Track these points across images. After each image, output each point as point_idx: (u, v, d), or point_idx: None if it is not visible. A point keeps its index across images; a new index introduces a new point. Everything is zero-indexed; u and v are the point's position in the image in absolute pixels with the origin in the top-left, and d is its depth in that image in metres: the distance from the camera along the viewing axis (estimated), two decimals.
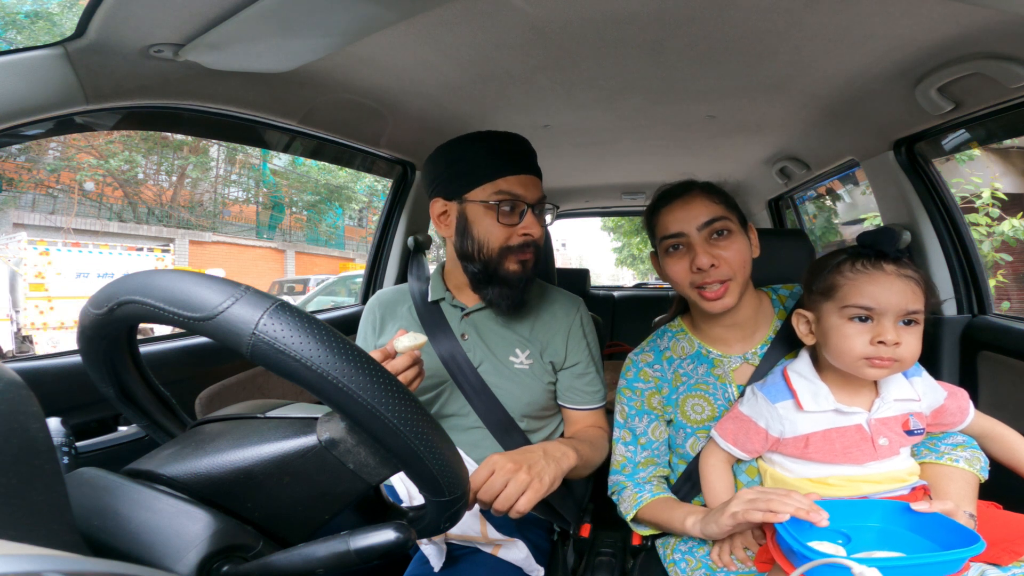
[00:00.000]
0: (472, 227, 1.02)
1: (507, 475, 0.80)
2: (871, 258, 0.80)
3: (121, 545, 0.40)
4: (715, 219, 0.93)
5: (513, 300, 1.04)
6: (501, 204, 1.00)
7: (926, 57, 1.07)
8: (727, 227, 0.93)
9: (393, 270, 1.91)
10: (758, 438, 0.87)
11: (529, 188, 1.02)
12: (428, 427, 0.44)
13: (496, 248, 1.01)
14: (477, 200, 1.01)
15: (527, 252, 1.03)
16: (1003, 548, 0.73)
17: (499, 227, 1.00)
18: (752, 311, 1.00)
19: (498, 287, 1.03)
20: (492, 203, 1.00)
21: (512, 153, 1.03)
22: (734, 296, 0.93)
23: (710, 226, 0.93)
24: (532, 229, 1.01)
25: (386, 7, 0.85)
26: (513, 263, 1.02)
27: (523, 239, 1.01)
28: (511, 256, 1.01)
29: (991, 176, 5.83)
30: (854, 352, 0.79)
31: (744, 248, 0.94)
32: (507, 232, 1.01)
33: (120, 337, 0.50)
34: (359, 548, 0.42)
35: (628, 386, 1.05)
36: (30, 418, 0.32)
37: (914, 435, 0.83)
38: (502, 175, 1.00)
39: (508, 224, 1.01)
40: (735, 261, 0.92)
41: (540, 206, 1.04)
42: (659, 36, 1.06)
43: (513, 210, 1.00)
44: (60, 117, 0.86)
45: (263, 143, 1.46)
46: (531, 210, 1.01)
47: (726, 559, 0.85)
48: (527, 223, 1.01)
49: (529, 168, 1.04)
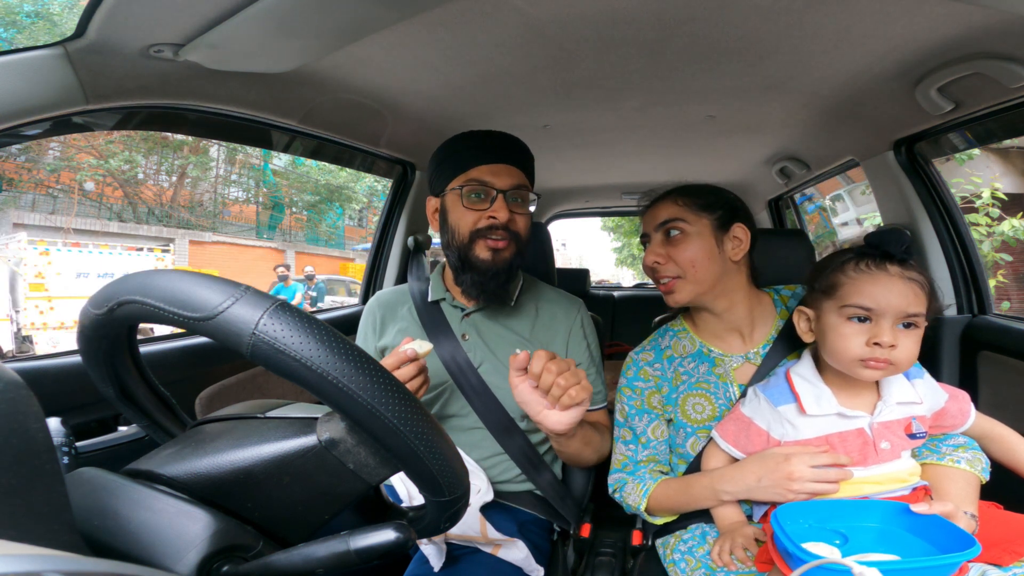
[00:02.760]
0: (448, 216, 1.06)
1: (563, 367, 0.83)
2: (876, 258, 0.80)
3: (121, 545, 0.40)
4: (668, 220, 0.99)
5: (485, 289, 1.05)
6: (467, 190, 1.03)
7: (926, 57, 1.07)
8: (679, 227, 0.98)
9: (393, 270, 1.91)
10: (759, 439, 0.87)
11: (500, 175, 1.04)
12: (428, 427, 0.44)
13: (466, 233, 1.04)
14: (450, 189, 1.05)
15: (497, 239, 1.03)
16: (1003, 548, 0.73)
17: (468, 212, 1.03)
18: (746, 311, 1.00)
19: (470, 274, 1.05)
20: (460, 189, 1.03)
21: (487, 144, 1.06)
22: (685, 294, 0.97)
23: (664, 227, 0.99)
24: (498, 213, 1.02)
25: (386, 7, 0.85)
26: (484, 250, 1.03)
27: (489, 222, 1.03)
28: (480, 241, 1.03)
29: (991, 176, 5.83)
30: (849, 352, 0.79)
31: (699, 250, 0.96)
32: (475, 216, 1.03)
33: (120, 337, 0.50)
34: (359, 548, 0.42)
35: (628, 385, 1.05)
36: (30, 418, 0.32)
37: (916, 438, 0.82)
38: (473, 165, 1.04)
39: (476, 209, 1.03)
40: (682, 260, 0.96)
41: (516, 194, 1.05)
42: (659, 36, 1.06)
43: (482, 197, 1.03)
44: (60, 117, 0.86)
45: (263, 143, 1.46)
46: (501, 196, 1.03)
47: (726, 559, 0.84)
48: (495, 208, 1.03)
49: (503, 157, 1.05)
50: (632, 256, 15.78)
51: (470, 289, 1.07)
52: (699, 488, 0.91)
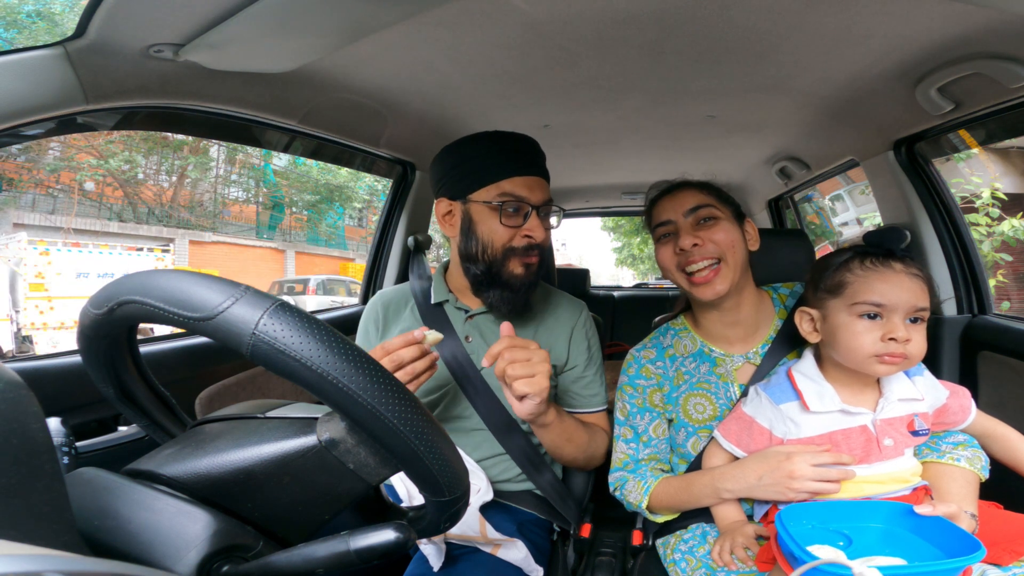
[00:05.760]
0: (476, 228, 1.02)
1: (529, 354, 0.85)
2: (879, 256, 0.81)
3: (121, 545, 0.40)
4: (700, 206, 0.96)
5: (514, 304, 1.03)
6: (505, 205, 0.99)
7: (926, 57, 1.07)
8: (713, 214, 0.96)
9: (393, 270, 1.91)
10: (762, 438, 0.87)
11: (534, 190, 1.01)
12: (428, 427, 0.44)
13: (500, 249, 1.01)
14: (481, 201, 1.01)
15: (531, 255, 1.02)
16: (1003, 548, 0.73)
17: (503, 228, 1.00)
18: (753, 309, 1.00)
19: (499, 290, 1.02)
20: (496, 204, 0.99)
21: (518, 153, 1.03)
22: (726, 282, 0.93)
23: (696, 212, 0.96)
24: (535, 232, 1.00)
25: (386, 7, 0.85)
26: (517, 266, 1.01)
27: (527, 241, 1.01)
28: (515, 258, 1.01)
29: (991, 176, 5.83)
30: (864, 349, 0.79)
31: (733, 233, 0.95)
32: (510, 233, 1.00)
33: (120, 337, 0.50)
34: (359, 548, 0.42)
35: (630, 383, 1.05)
36: (30, 418, 0.32)
37: (919, 435, 0.82)
38: (506, 176, 1.00)
39: (511, 226, 1.00)
40: (722, 242, 0.94)
41: (545, 208, 1.04)
42: (659, 36, 1.06)
43: (517, 212, 1.00)
44: (60, 117, 0.86)
45: (263, 143, 1.46)
46: (535, 212, 1.01)
47: (726, 558, 0.84)
48: (531, 225, 1.00)
49: (535, 170, 1.03)
50: (632, 256, 15.76)
51: (499, 304, 1.03)
52: (700, 486, 0.91)
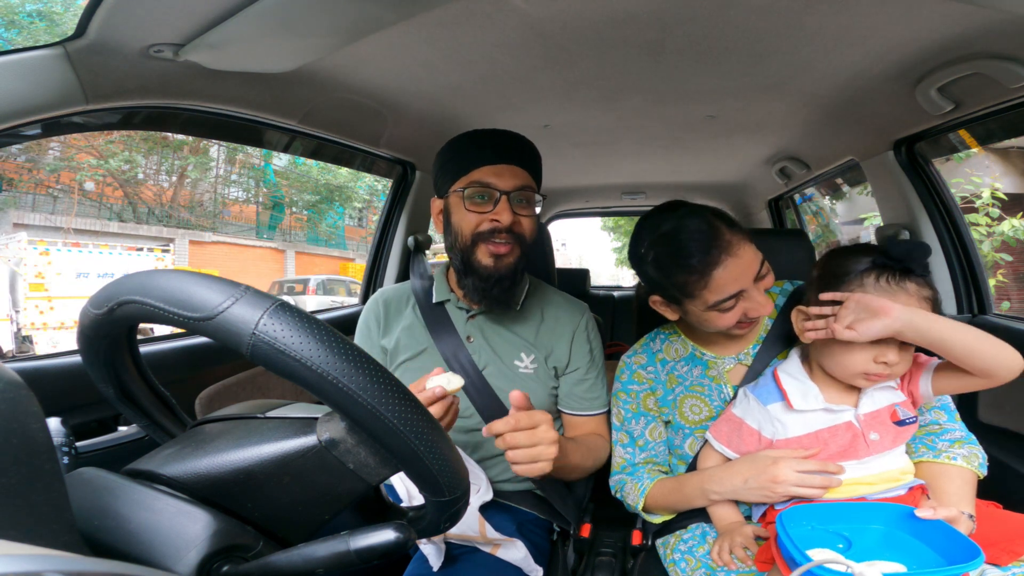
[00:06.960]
0: (451, 218, 1.04)
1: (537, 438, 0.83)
2: (896, 274, 0.78)
3: (121, 545, 0.40)
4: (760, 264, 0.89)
5: (487, 295, 1.03)
6: (472, 192, 1.01)
7: (926, 57, 1.07)
8: (768, 269, 0.90)
9: (393, 270, 1.91)
10: (751, 439, 0.87)
11: (504, 177, 1.01)
12: (428, 427, 0.44)
13: (468, 236, 1.02)
14: (454, 191, 1.03)
15: (499, 244, 1.01)
16: (1002, 548, 0.73)
17: (471, 215, 1.01)
18: None
19: (472, 278, 1.03)
20: (465, 192, 1.01)
21: (491, 145, 1.03)
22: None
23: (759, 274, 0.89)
24: (501, 216, 1.00)
25: (386, 7, 0.85)
26: (485, 255, 1.01)
27: (492, 225, 1.01)
28: (482, 245, 1.01)
29: (991, 176, 5.82)
30: (855, 367, 0.79)
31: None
32: (478, 219, 1.01)
33: (120, 337, 0.50)
34: (359, 548, 0.42)
35: (623, 389, 1.05)
36: (30, 418, 0.32)
37: (905, 425, 0.82)
38: (477, 166, 1.01)
39: (478, 212, 1.01)
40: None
41: (519, 195, 1.02)
42: (659, 36, 1.06)
43: (486, 198, 1.01)
44: (60, 117, 0.86)
45: (263, 143, 1.46)
46: (505, 198, 1.00)
47: (726, 558, 0.84)
48: (497, 210, 1.00)
49: (507, 158, 1.03)
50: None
51: (472, 294, 1.05)
52: (690, 488, 0.93)
